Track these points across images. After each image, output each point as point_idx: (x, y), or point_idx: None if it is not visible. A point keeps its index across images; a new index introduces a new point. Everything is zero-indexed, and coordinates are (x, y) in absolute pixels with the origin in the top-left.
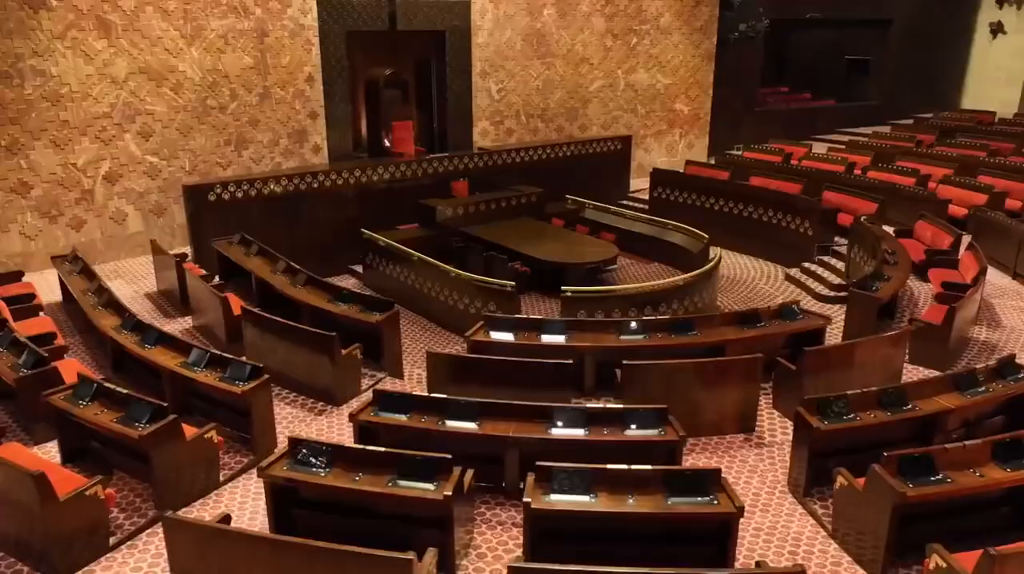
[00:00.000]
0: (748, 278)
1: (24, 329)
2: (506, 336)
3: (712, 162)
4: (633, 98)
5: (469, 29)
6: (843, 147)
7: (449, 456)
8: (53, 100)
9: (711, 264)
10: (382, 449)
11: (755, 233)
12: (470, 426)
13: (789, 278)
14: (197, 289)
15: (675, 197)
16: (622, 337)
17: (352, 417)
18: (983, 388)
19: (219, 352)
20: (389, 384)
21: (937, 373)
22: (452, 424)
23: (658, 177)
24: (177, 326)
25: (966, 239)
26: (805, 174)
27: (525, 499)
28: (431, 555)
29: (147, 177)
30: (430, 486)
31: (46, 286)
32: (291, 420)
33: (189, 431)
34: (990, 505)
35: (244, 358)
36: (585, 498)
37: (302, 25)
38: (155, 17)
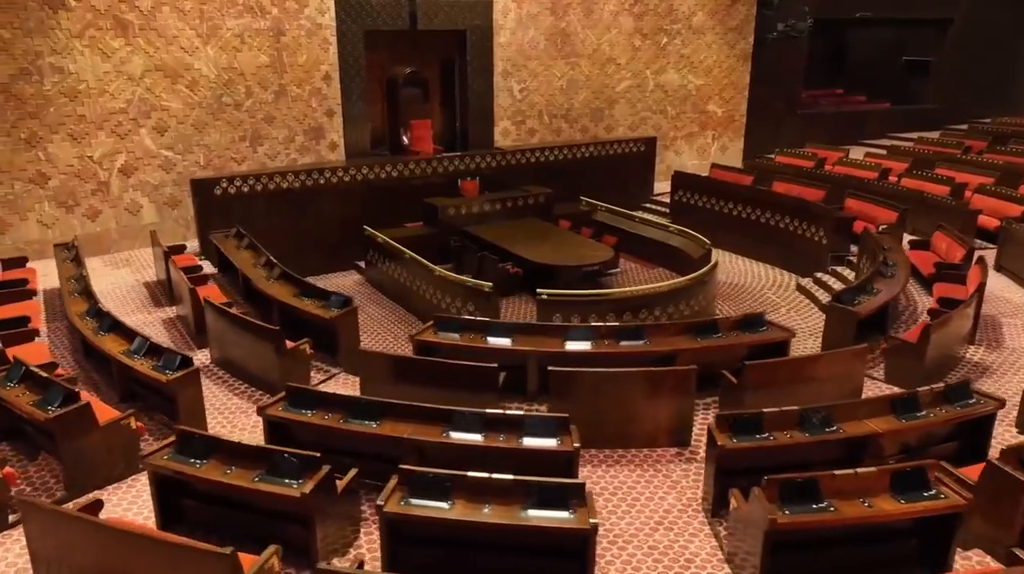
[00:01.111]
0: (757, 286)
1: (6, 312)
2: (452, 337)
3: (741, 166)
4: (663, 99)
5: (491, 28)
6: (884, 152)
7: (317, 454)
8: (71, 96)
9: (699, 272)
10: (255, 444)
11: (772, 240)
12: (370, 426)
13: (800, 288)
14: (177, 280)
15: (695, 201)
16: (568, 343)
17: (260, 410)
18: (924, 413)
19: (157, 342)
20: (343, 379)
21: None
22: (354, 423)
23: (679, 180)
24: (163, 314)
25: (979, 253)
26: (831, 180)
27: (379, 502)
28: (270, 551)
29: (162, 170)
30: (293, 483)
31: (57, 273)
32: (233, 410)
33: (106, 416)
34: (893, 537)
35: (206, 349)
36: (442, 504)
37: (319, 24)
38: (171, 17)
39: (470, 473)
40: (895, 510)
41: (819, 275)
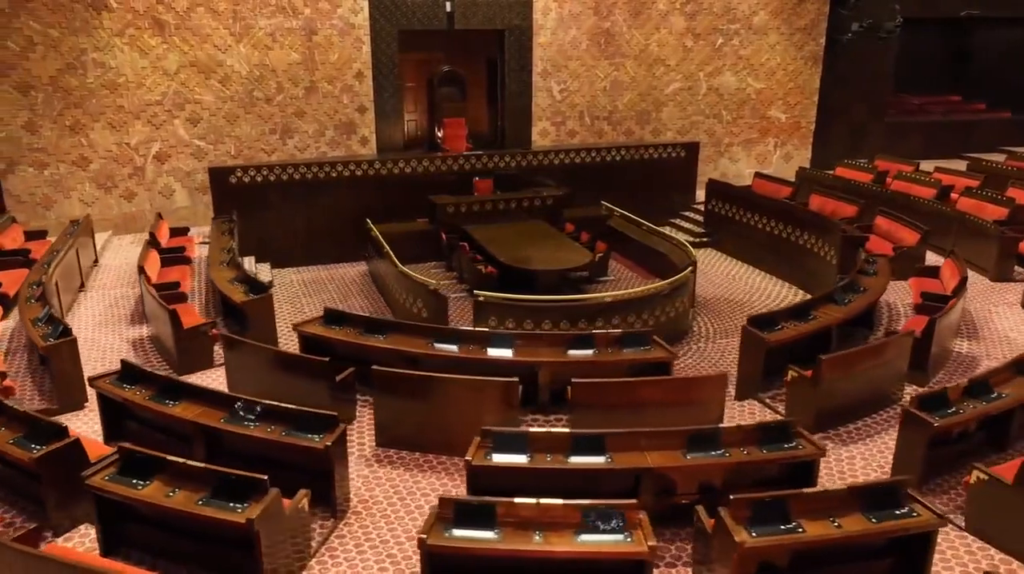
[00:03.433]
0: (758, 304)
1: None
2: (334, 329)
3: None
4: (717, 103)
5: (530, 28)
6: (963, 168)
7: (63, 425)
8: (111, 88)
9: (656, 286)
10: (22, 409)
11: (791, 256)
12: (166, 405)
13: None
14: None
15: (726, 211)
16: (436, 345)
17: (90, 381)
18: (720, 452)
19: (58, 314)
20: None
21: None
22: (154, 402)
23: (713, 189)
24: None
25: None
26: (877, 196)
27: (84, 474)
28: None
29: (194, 159)
30: (35, 448)
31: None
32: None
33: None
34: None
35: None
36: (139, 483)
37: (352, 24)
38: (206, 17)
39: (169, 457)
40: (566, 549)
41: None
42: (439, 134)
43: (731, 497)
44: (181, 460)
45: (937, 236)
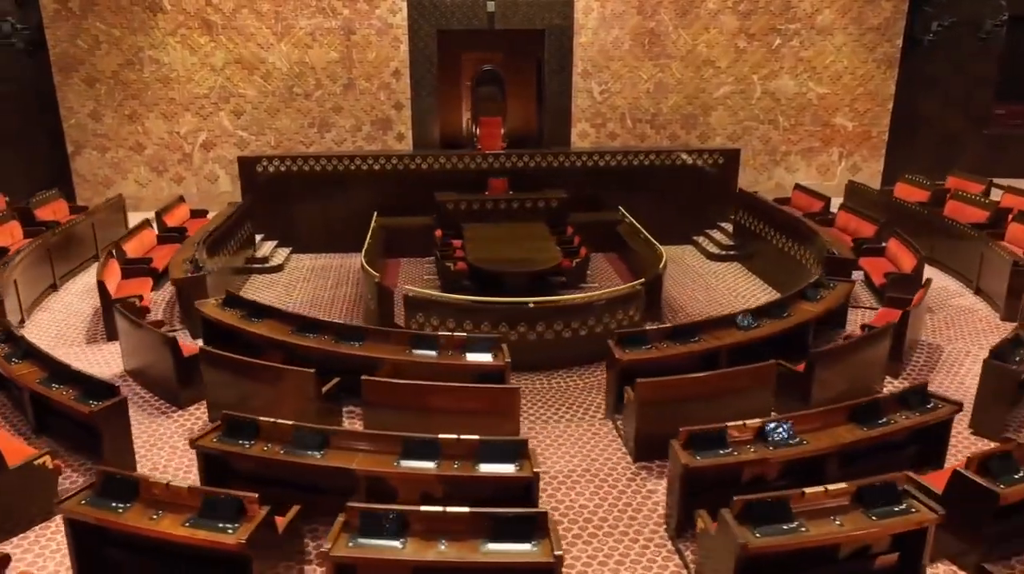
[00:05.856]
0: None
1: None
2: (226, 313)
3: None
4: (772, 108)
5: (571, 28)
6: None
7: None
8: (164, 82)
9: (589, 295)
10: None
11: (798, 275)
12: (11, 364)
13: None
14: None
15: (750, 224)
16: (298, 334)
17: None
18: (435, 462)
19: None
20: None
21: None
22: (11, 364)
23: (740, 200)
24: None
25: None
26: (911, 216)
27: None
28: None
29: (237, 148)
30: None
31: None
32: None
33: None
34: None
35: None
36: None
37: (390, 24)
38: (250, 17)
39: None
40: (171, 531)
41: None
42: (476, 132)
43: (347, 505)
44: None
45: (966, 265)
